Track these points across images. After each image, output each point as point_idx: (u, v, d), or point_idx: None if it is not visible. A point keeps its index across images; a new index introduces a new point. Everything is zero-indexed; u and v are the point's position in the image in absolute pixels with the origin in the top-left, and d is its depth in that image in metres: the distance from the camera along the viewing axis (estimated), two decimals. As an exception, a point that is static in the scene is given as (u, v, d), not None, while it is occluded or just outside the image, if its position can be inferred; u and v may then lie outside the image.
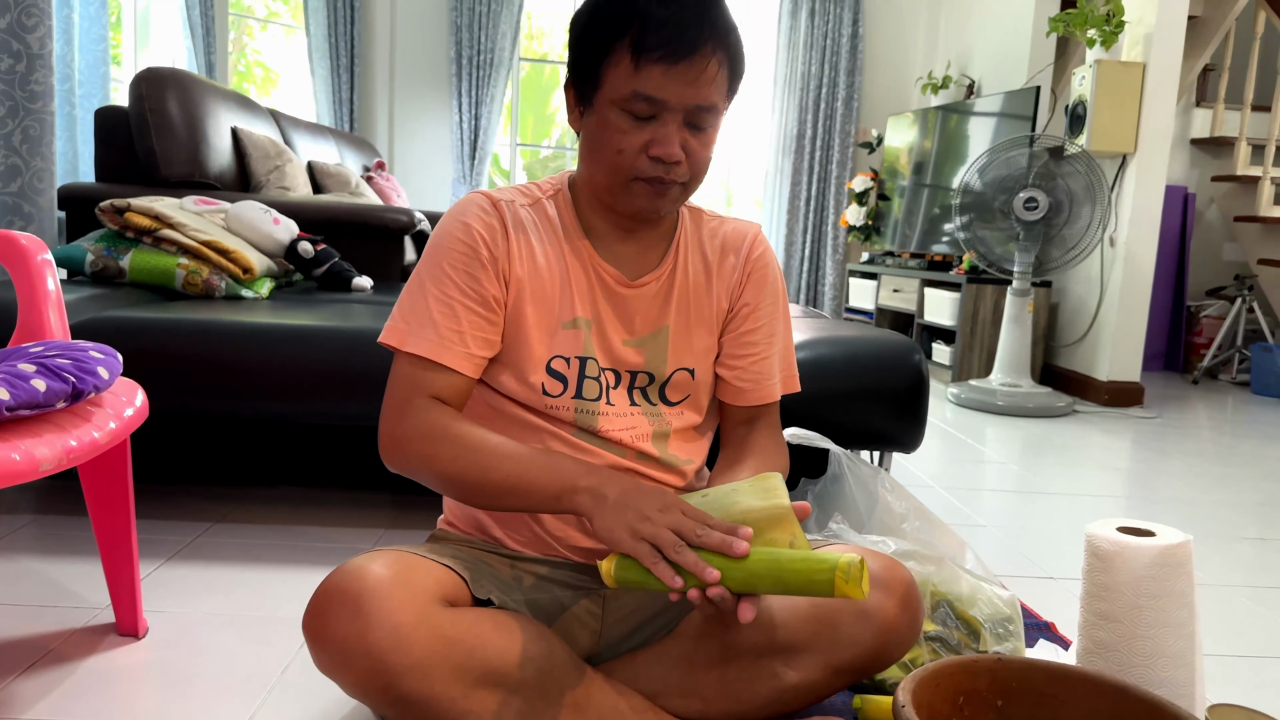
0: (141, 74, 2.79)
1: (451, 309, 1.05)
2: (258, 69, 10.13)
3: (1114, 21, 3.78)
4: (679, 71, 0.98)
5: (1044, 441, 3.22)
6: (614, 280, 1.12)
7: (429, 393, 1.04)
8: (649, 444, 1.13)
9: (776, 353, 1.22)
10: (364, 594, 0.87)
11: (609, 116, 1.02)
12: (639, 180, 1.04)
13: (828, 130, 5.94)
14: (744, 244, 1.21)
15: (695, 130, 1.03)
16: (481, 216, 1.08)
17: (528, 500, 0.98)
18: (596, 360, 1.11)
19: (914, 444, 1.80)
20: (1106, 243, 4.01)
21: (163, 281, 2.12)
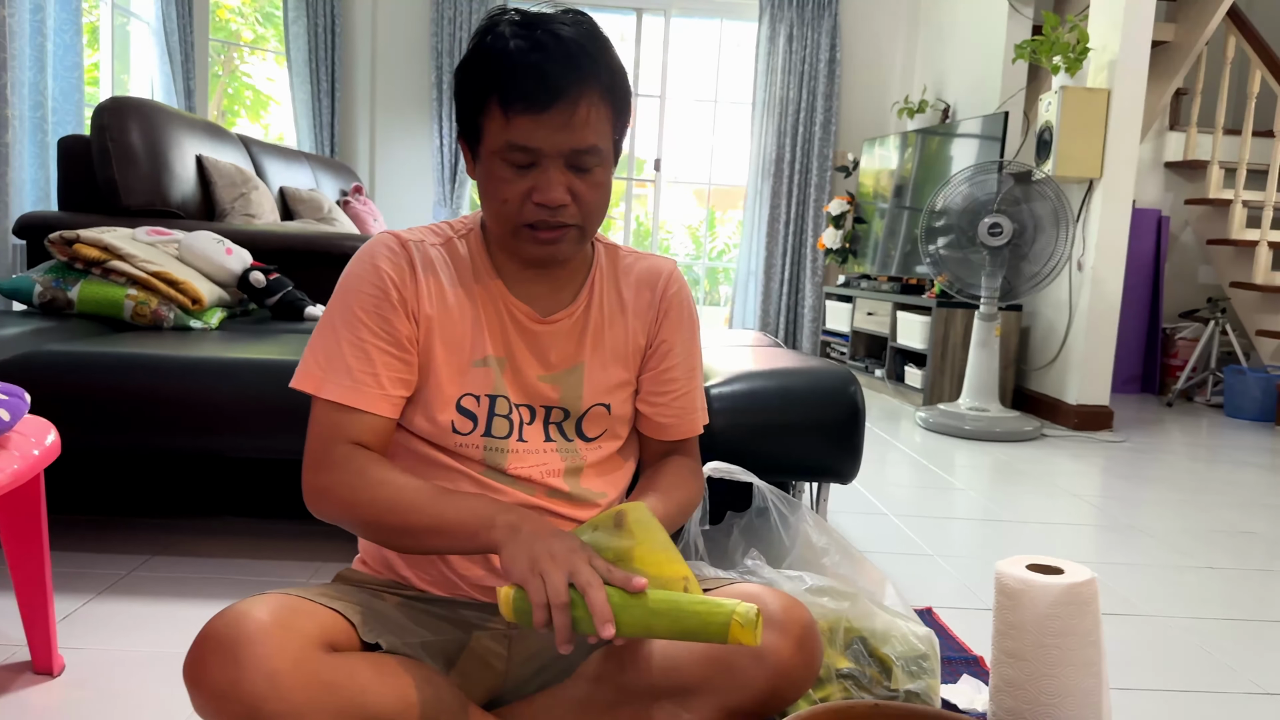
0: (104, 104, 2.81)
1: (365, 352, 1.06)
2: (248, 92, 10.21)
3: (1078, 48, 3.81)
4: (548, 119, 0.99)
5: (1008, 467, 3.23)
6: (526, 317, 1.13)
7: (348, 439, 1.05)
8: (560, 480, 1.14)
9: (696, 388, 1.24)
10: (240, 640, 0.88)
11: (492, 167, 1.03)
12: (526, 227, 1.05)
13: (806, 154, 5.97)
14: (659, 281, 1.22)
15: (580, 172, 1.03)
16: (390, 257, 1.09)
17: (449, 541, 1.00)
18: (508, 398, 1.12)
19: (849, 475, 1.80)
20: (1074, 267, 4.03)
21: (111, 313, 2.13)
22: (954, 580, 2.00)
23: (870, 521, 2.42)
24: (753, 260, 6.05)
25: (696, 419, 1.25)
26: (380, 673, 0.95)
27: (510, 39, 1.00)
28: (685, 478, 1.21)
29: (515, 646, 1.13)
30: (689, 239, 8.12)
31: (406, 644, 1.03)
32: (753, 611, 0.88)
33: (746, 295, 6.09)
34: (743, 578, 1.29)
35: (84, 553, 1.81)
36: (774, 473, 1.72)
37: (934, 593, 1.90)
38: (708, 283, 7.42)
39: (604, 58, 1.03)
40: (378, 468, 1.03)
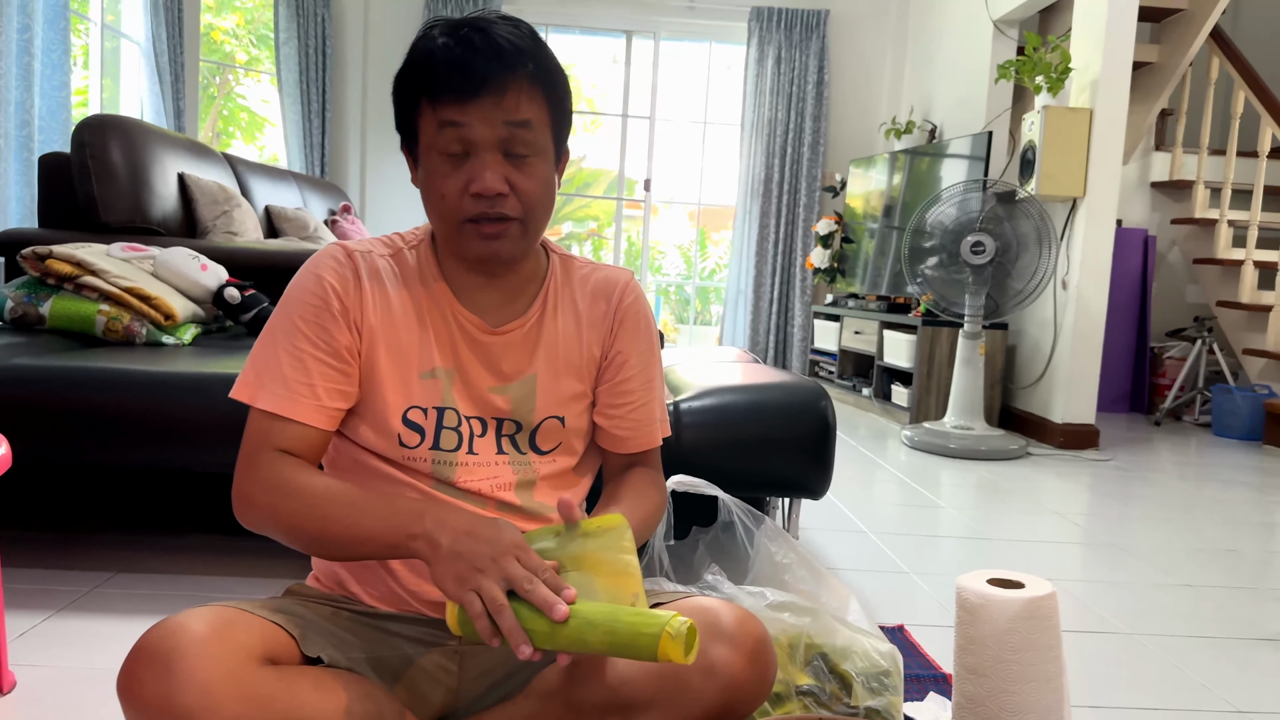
0: (85, 121, 2.81)
1: (302, 362, 1.05)
2: (243, 114, 10.27)
3: (1060, 68, 3.84)
4: (476, 105, 0.99)
5: (992, 485, 3.21)
6: (475, 328, 1.12)
7: (277, 446, 1.04)
8: (511, 493, 1.13)
9: (655, 399, 1.22)
10: (174, 652, 0.86)
11: (430, 165, 1.03)
12: (468, 223, 1.04)
13: (794, 174, 5.99)
14: (615, 291, 1.20)
15: (516, 160, 1.02)
16: (334, 268, 1.08)
17: (370, 549, 0.98)
18: (457, 410, 1.11)
19: (820, 490, 1.79)
20: (1059, 286, 4.03)
21: (83, 328, 2.12)
22: (929, 598, 1.98)
23: (848, 539, 2.40)
24: (742, 280, 6.06)
25: (655, 431, 1.23)
26: (319, 687, 0.93)
27: (438, 38, 1.01)
28: (647, 491, 1.19)
29: (466, 663, 1.12)
30: (680, 259, 8.13)
31: (349, 658, 1.01)
32: (685, 626, 0.86)
33: (736, 314, 6.10)
34: (701, 592, 1.27)
35: (46, 569, 1.79)
36: (744, 488, 1.71)
37: (908, 610, 1.88)
38: (699, 302, 7.42)
39: (535, 52, 1.03)
40: (300, 473, 1.01)
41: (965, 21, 5.15)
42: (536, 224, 1.08)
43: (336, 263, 1.09)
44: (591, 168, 8.52)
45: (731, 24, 6.04)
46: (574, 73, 8.97)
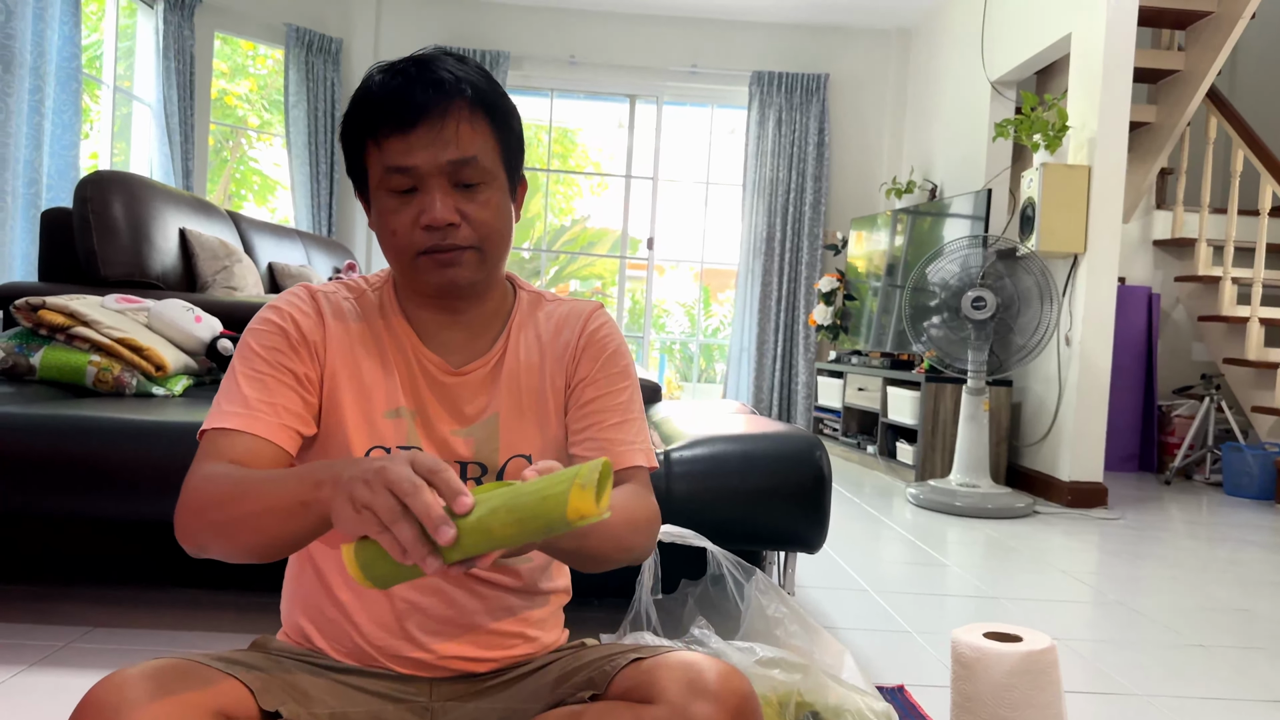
0: (87, 177, 2.84)
1: (262, 382, 1.01)
2: (255, 177, 10.45)
3: (1057, 126, 3.87)
4: (418, 137, 0.97)
5: (999, 544, 3.15)
6: (437, 369, 1.09)
7: (227, 459, 0.96)
8: None
9: (629, 422, 1.13)
10: (119, 706, 0.82)
11: (379, 202, 1.02)
12: (422, 255, 1.01)
13: (796, 233, 6.03)
14: (580, 320, 1.15)
15: (466, 189, 1.00)
16: (297, 304, 1.07)
17: (285, 523, 0.86)
18: (420, 452, 1.07)
19: (816, 544, 1.75)
20: (1063, 342, 4.01)
21: (73, 379, 2.11)
22: (931, 658, 1.91)
23: (849, 597, 2.34)
24: (745, 337, 6.05)
25: (631, 451, 1.11)
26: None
27: (376, 77, 1.00)
28: (637, 496, 1.07)
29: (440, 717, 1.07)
30: (685, 317, 8.14)
31: (311, 714, 0.97)
32: (596, 469, 0.74)
33: (740, 372, 6.07)
34: (688, 647, 1.23)
35: (21, 623, 1.75)
36: (737, 541, 1.66)
37: (909, 670, 1.82)
38: (703, 360, 7.41)
39: (477, 81, 1.01)
40: (225, 466, 0.94)
41: (963, 83, 5.22)
42: (494, 252, 1.05)
43: (300, 300, 1.07)
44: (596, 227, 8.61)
45: (733, 88, 6.13)
46: (580, 138, 9.12)
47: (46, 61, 3.81)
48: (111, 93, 4.87)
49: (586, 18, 6.08)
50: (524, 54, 6.04)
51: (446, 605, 1.08)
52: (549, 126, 6.60)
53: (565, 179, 9.72)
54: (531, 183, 8.87)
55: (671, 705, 0.97)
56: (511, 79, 6.07)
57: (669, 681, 0.99)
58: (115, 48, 4.89)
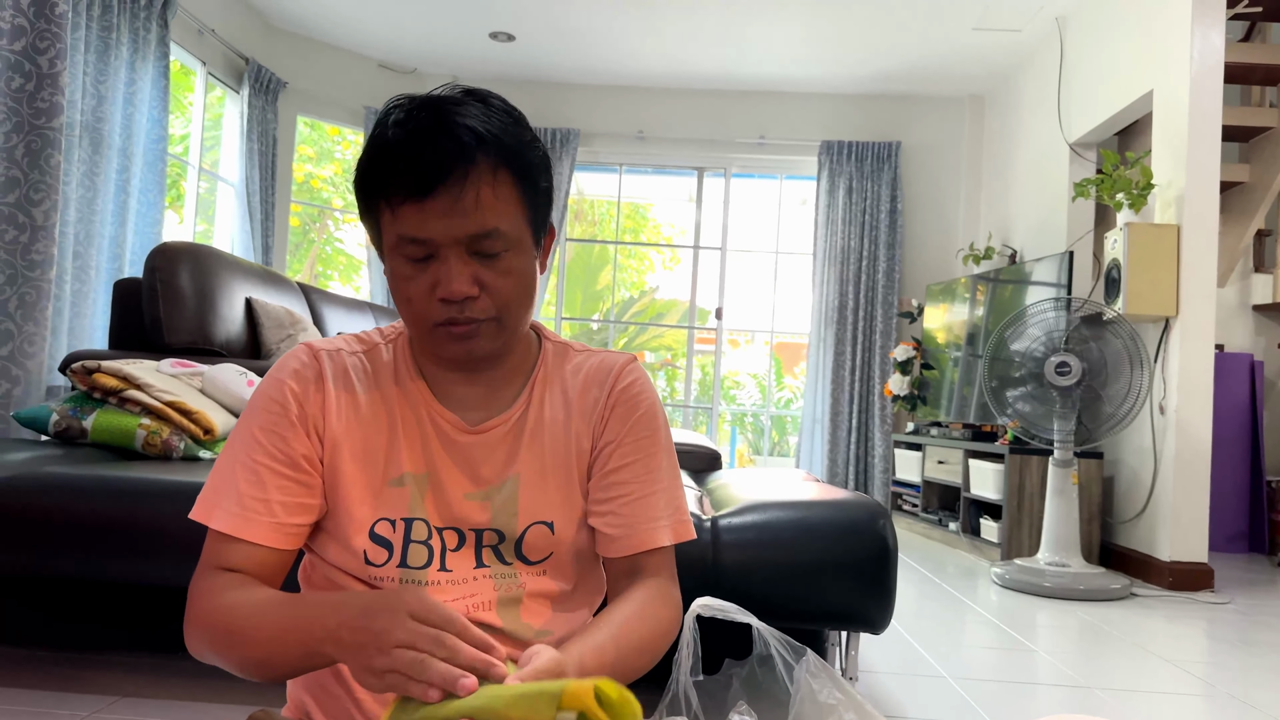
0: (158, 247, 2.91)
1: (258, 475, 0.95)
2: (341, 258, 10.83)
3: (1141, 184, 3.69)
4: (434, 205, 0.88)
5: (1093, 628, 2.89)
6: (452, 427, 1.00)
7: (229, 568, 0.94)
8: (492, 614, 0.98)
9: (659, 493, 1.04)
10: None
11: (394, 266, 0.94)
12: (439, 326, 0.93)
13: (870, 301, 5.88)
14: (609, 376, 1.06)
15: (487, 259, 0.92)
16: (297, 370, 0.99)
17: (295, 667, 0.85)
18: (426, 521, 0.98)
19: (881, 624, 1.59)
20: (1156, 411, 3.75)
21: (123, 442, 2.10)
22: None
23: (923, 685, 2.15)
24: (818, 408, 5.88)
25: (657, 530, 1.03)
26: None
27: (390, 128, 0.91)
28: (649, 608, 1.00)
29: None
30: (757, 389, 8.00)
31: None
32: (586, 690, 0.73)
33: (813, 444, 5.89)
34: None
35: (50, 691, 1.70)
36: (791, 619, 1.53)
37: (989, 768, 1.63)
38: (775, 433, 7.23)
39: (500, 130, 0.91)
40: (234, 592, 0.89)
41: (1040, 147, 5.08)
42: (514, 319, 0.96)
43: (300, 364, 1.00)
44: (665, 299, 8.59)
45: (801, 158, 6.10)
46: (651, 213, 9.19)
47: (134, 143, 3.98)
48: (196, 173, 5.07)
49: (654, 94, 6.15)
50: (593, 131, 6.12)
51: (455, 682, 0.97)
52: (618, 201, 6.65)
53: (637, 253, 9.78)
54: (601, 256, 8.95)
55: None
56: (581, 155, 6.15)
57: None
58: (202, 131, 5.11)
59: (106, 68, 3.77)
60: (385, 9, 5.21)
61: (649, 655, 0.99)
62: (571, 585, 1.04)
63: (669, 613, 1.03)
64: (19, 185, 2.34)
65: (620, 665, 0.92)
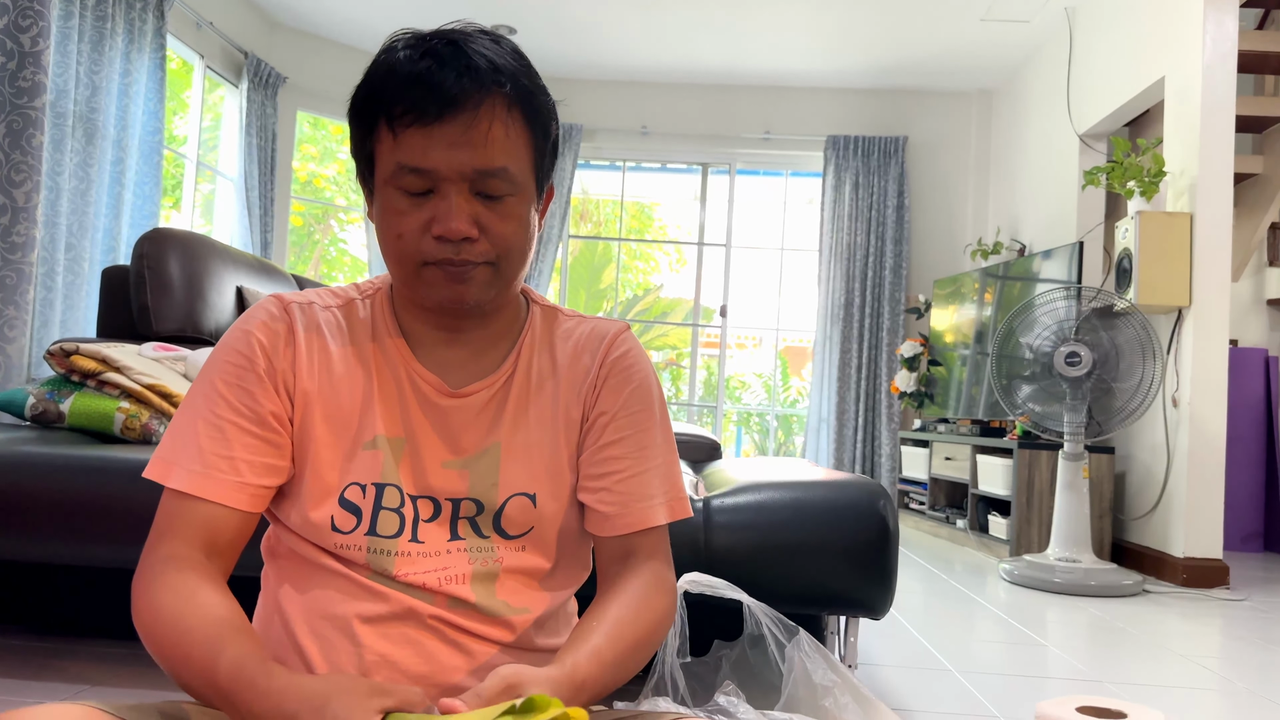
0: (146, 234, 2.85)
1: (221, 431, 0.88)
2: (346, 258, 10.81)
3: (1153, 172, 3.61)
4: (442, 133, 0.83)
5: (1104, 624, 2.80)
6: (433, 389, 0.94)
7: (186, 537, 0.86)
8: (465, 586, 0.91)
9: (654, 469, 0.98)
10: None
11: (386, 199, 0.87)
12: (429, 266, 0.87)
13: (876, 298, 5.80)
14: (602, 344, 1.00)
15: (489, 200, 0.86)
16: (266, 323, 0.93)
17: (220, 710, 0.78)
18: (399, 488, 0.92)
19: (880, 608, 1.52)
20: (1169, 404, 3.66)
21: (101, 426, 2.04)
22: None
23: (928, 677, 2.07)
24: (824, 406, 5.81)
25: (652, 508, 0.97)
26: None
27: (401, 51, 0.86)
28: (646, 600, 0.93)
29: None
30: (762, 389, 7.92)
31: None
32: None
33: (819, 442, 5.81)
34: (711, 717, 1.02)
35: (18, 679, 1.64)
36: (786, 603, 1.45)
37: (995, 761, 1.55)
38: (781, 432, 7.15)
39: (516, 69, 0.87)
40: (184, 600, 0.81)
41: (1050, 139, 5.00)
42: (510, 269, 0.91)
43: (269, 316, 0.93)
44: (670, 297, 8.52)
45: (807, 153, 6.03)
46: (655, 213, 9.13)
47: (129, 135, 3.93)
48: (195, 167, 5.03)
49: (657, 88, 6.09)
50: (596, 126, 6.07)
51: (423, 660, 0.90)
52: (621, 200, 6.59)
53: (642, 254, 9.72)
54: (605, 254, 8.89)
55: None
56: (584, 151, 6.10)
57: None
58: (200, 126, 5.08)
59: (101, 58, 3.72)
60: (385, 2, 5.16)
61: (646, 650, 0.92)
62: (552, 563, 0.97)
63: (666, 601, 0.95)
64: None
65: (618, 667, 0.86)
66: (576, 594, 1.03)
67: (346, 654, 0.90)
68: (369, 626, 0.90)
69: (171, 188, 5.19)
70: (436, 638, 0.91)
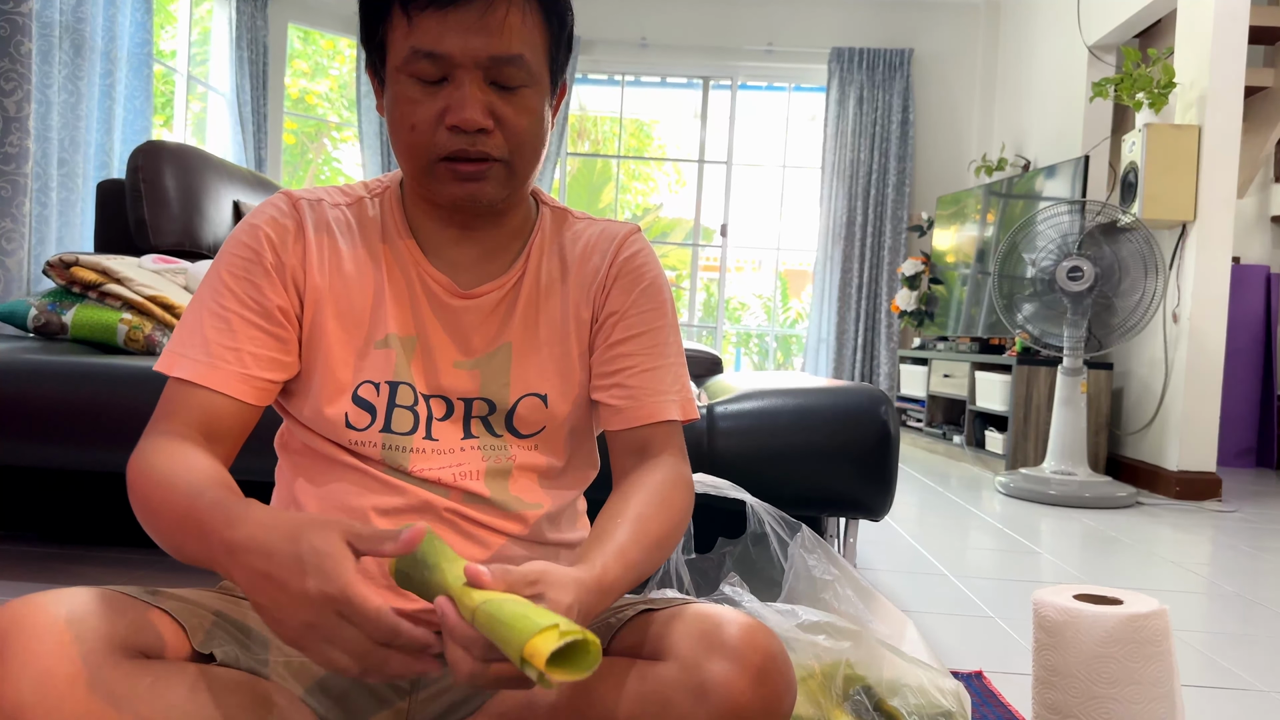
0: (140, 147, 2.80)
1: (227, 323, 0.88)
2: (340, 178, 10.66)
3: (1162, 83, 3.54)
4: (458, 17, 0.81)
5: (1098, 534, 2.86)
6: (444, 290, 0.94)
7: (184, 419, 0.86)
8: (479, 483, 0.93)
9: (665, 367, 0.98)
10: (9, 636, 0.69)
11: (398, 88, 0.86)
12: (443, 161, 0.86)
13: (879, 216, 5.76)
14: (612, 244, 1.00)
15: (504, 91, 0.85)
16: (275, 218, 0.92)
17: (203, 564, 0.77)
18: (412, 386, 0.92)
19: (880, 510, 1.55)
20: (1169, 319, 3.67)
21: (104, 338, 2.04)
22: (1014, 643, 1.69)
23: (924, 581, 2.12)
24: (824, 327, 5.81)
25: (664, 402, 0.96)
26: (195, 687, 0.74)
27: None
28: (668, 496, 0.92)
29: (420, 682, 0.92)
30: (763, 311, 7.92)
31: (255, 659, 0.83)
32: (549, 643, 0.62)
33: (818, 363, 5.83)
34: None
35: (37, 583, 1.68)
36: (788, 505, 1.47)
37: (989, 655, 1.60)
38: (780, 353, 7.18)
39: None
40: (176, 459, 0.81)
41: (1058, 50, 4.89)
42: (524, 166, 0.90)
43: (278, 212, 0.93)
44: (669, 217, 8.44)
45: (811, 66, 5.90)
46: (655, 130, 8.98)
47: (118, 46, 3.84)
48: (186, 81, 4.94)
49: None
50: (594, 38, 5.92)
51: (435, 549, 0.92)
52: (620, 118, 6.48)
53: (641, 175, 9.59)
54: (604, 173, 8.78)
55: (682, 662, 0.80)
56: (582, 65, 5.97)
57: (681, 635, 0.82)
58: (189, 41, 4.96)
59: (84, -36, 3.61)
60: (376, -92, 4.99)
61: (670, 546, 0.93)
62: (564, 461, 0.98)
63: (685, 497, 0.96)
64: (-12, 74, 2.26)
65: (644, 565, 0.86)
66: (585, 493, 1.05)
67: None
68: (385, 519, 0.91)
69: (162, 105, 5.09)
70: (452, 530, 0.93)
